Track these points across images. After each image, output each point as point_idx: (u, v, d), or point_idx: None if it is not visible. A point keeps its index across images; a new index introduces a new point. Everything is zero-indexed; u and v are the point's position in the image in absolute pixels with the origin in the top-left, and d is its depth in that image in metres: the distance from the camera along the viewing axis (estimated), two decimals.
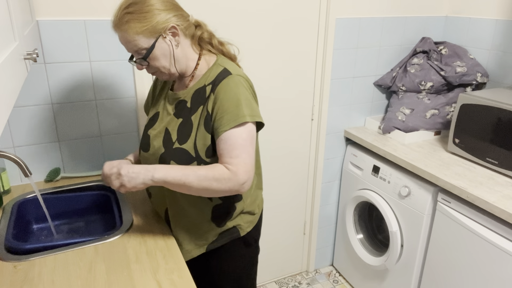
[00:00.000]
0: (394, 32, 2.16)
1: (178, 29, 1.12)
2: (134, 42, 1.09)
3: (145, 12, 1.07)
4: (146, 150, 1.26)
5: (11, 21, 0.86)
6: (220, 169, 1.08)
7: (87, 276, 1.10)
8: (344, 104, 2.20)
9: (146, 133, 1.28)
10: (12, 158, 1.22)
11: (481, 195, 1.51)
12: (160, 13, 1.08)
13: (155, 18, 1.08)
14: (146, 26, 1.07)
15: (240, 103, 1.10)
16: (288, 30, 1.93)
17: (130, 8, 1.07)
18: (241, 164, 1.08)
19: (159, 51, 1.11)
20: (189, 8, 1.69)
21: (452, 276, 1.69)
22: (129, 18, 1.07)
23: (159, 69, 1.15)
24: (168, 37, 1.11)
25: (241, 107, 1.10)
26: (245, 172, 1.08)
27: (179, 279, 1.10)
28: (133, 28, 1.07)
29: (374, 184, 2.06)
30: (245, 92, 1.13)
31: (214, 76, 1.16)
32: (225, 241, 1.29)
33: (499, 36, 1.99)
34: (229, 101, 1.11)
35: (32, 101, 1.54)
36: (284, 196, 2.27)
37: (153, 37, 1.09)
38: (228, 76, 1.13)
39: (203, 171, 1.07)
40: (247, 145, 1.10)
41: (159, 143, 1.22)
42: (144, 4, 1.08)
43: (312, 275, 2.50)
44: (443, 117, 2.05)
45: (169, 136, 1.20)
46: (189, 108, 1.19)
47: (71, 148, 1.66)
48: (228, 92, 1.11)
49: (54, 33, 1.50)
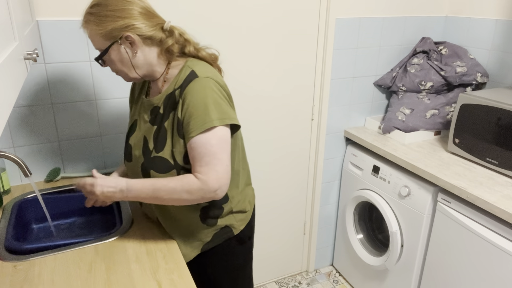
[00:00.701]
0: (394, 32, 2.16)
1: (135, 39, 1.09)
2: (93, 42, 1.12)
3: (103, 16, 1.07)
4: (129, 160, 1.27)
5: (11, 21, 0.86)
6: (190, 180, 1.07)
7: (87, 276, 1.10)
8: (344, 104, 2.20)
9: (127, 143, 1.28)
10: (12, 158, 1.22)
11: (481, 195, 1.51)
12: (118, 20, 1.07)
13: (110, 25, 1.07)
14: (101, 31, 1.08)
15: (207, 107, 1.07)
16: (288, 30, 1.93)
17: (93, 9, 1.08)
18: (211, 172, 1.07)
19: (115, 56, 1.12)
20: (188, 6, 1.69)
21: (452, 276, 1.69)
22: (89, 19, 1.09)
23: (117, 72, 1.16)
24: (124, 44, 1.10)
25: (208, 111, 1.07)
26: (216, 180, 1.07)
27: (179, 279, 1.10)
28: (91, 30, 1.09)
29: (374, 184, 2.06)
30: (212, 95, 1.09)
31: (183, 80, 1.13)
32: (220, 241, 1.29)
33: (499, 36, 1.99)
34: (195, 105, 1.08)
35: (32, 101, 1.54)
36: (284, 196, 2.27)
37: (108, 41, 1.10)
38: (195, 79, 1.10)
39: (173, 184, 1.08)
40: (217, 151, 1.07)
41: (139, 152, 1.21)
42: (105, 8, 1.07)
43: (312, 275, 2.50)
44: (443, 117, 2.05)
45: (147, 144, 1.20)
46: (161, 114, 1.17)
47: (71, 148, 1.66)
48: (195, 96, 1.08)
49: (54, 33, 1.50)
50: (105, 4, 1.08)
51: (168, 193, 1.09)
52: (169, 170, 1.14)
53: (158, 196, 1.10)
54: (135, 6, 1.09)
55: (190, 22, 1.72)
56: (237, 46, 1.85)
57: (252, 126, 2.03)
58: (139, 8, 1.10)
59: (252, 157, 2.09)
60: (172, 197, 1.09)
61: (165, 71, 1.18)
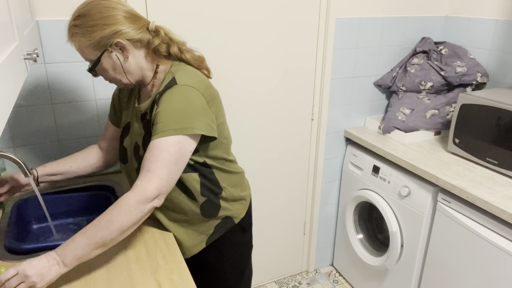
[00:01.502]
0: (394, 32, 2.16)
1: (125, 44, 1.08)
2: (83, 54, 1.10)
3: (89, 27, 1.05)
4: (125, 162, 1.29)
5: (11, 21, 0.86)
6: (123, 201, 1.00)
7: (87, 276, 1.10)
8: (344, 104, 2.20)
9: (122, 145, 1.29)
10: (12, 158, 1.22)
11: (481, 195, 1.51)
12: (105, 28, 1.06)
13: (98, 34, 1.06)
14: (91, 41, 1.06)
15: (175, 115, 1.05)
16: (288, 30, 1.93)
17: (77, 21, 1.06)
18: (155, 179, 1.02)
19: (106, 64, 1.11)
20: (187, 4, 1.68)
21: (452, 276, 1.69)
22: (75, 31, 1.07)
23: (111, 80, 1.16)
24: (114, 51, 1.09)
25: (173, 119, 1.05)
26: (156, 189, 1.03)
27: (179, 279, 1.10)
28: (78, 42, 1.07)
29: (374, 184, 2.06)
30: (186, 104, 1.06)
31: (164, 86, 1.12)
32: (223, 232, 1.31)
33: (499, 36, 1.99)
34: (165, 111, 1.06)
35: (32, 101, 1.54)
36: (284, 196, 2.27)
37: (98, 51, 1.08)
38: (173, 86, 1.08)
39: (106, 216, 0.99)
40: (171, 160, 1.04)
41: (132, 157, 1.24)
42: (90, 18, 1.05)
43: (312, 275, 2.50)
44: (443, 117, 2.05)
45: (138, 150, 1.22)
46: (148, 120, 1.17)
47: (71, 148, 1.66)
48: (167, 103, 1.07)
49: (54, 33, 1.50)
50: (89, 14, 1.06)
51: (106, 230, 0.98)
52: None
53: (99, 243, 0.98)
54: (119, 11, 1.08)
55: (190, 22, 1.72)
56: (237, 46, 1.85)
57: (252, 126, 2.03)
58: (123, 12, 1.09)
59: (252, 157, 2.09)
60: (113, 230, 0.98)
61: (154, 76, 1.17)
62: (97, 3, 1.07)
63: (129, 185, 1.41)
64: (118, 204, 1.01)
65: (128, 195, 1.02)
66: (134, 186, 1.03)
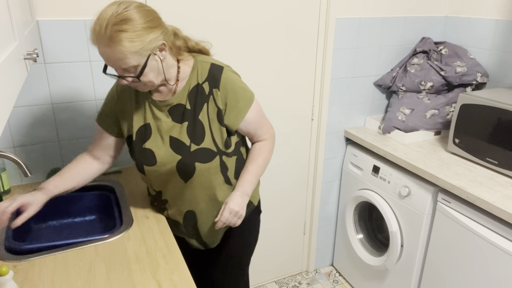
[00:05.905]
0: (394, 32, 2.16)
1: (166, 44, 1.11)
2: (125, 60, 1.04)
3: (138, 31, 1.03)
4: (153, 163, 1.24)
5: (11, 21, 0.86)
6: (266, 146, 1.33)
7: (87, 276, 1.10)
8: (344, 104, 2.20)
9: (142, 148, 1.24)
10: (12, 158, 1.22)
11: (481, 195, 1.51)
12: (153, 31, 1.06)
13: (147, 37, 1.05)
14: (141, 46, 1.04)
15: (242, 88, 1.24)
16: (288, 30, 1.93)
17: (123, 26, 1.01)
18: (268, 129, 1.34)
19: (149, 68, 1.09)
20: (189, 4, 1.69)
21: (452, 276, 1.69)
22: (122, 37, 1.01)
23: (146, 83, 1.12)
24: (157, 53, 1.10)
25: (245, 92, 1.24)
26: (272, 130, 1.36)
27: (179, 279, 1.10)
28: (126, 47, 1.02)
29: (374, 184, 2.06)
30: (238, 78, 1.25)
31: (206, 73, 1.20)
32: (246, 215, 1.40)
33: (499, 36, 1.99)
34: (236, 91, 1.22)
35: (32, 101, 1.54)
36: (284, 196, 2.27)
37: (143, 55, 1.06)
38: (223, 70, 1.21)
39: (262, 158, 1.31)
40: (263, 114, 1.32)
41: (169, 152, 1.21)
42: (136, 22, 1.03)
43: (312, 275, 2.50)
44: (443, 117, 2.05)
45: (179, 142, 1.21)
46: (190, 109, 1.20)
47: (71, 148, 1.66)
48: (232, 84, 1.21)
49: (54, 33, 1.50)
50: (136, 18, 1.03)
51: (264, 166, 1.33)
52: (213, 158, 1.23)
53: (260, 174, 1.32)
54: (156, 13, 1.10)
55: (190, 25, 1.72)
56: (237, 46, 1.85)
57: None
58: (156, 14, 1.10)
59: None
60: (266, 164, 1.34)
61: (178, 71, 1.21)
62: (138, 5, 1.06)
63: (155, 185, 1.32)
64: (266, 150, 1.33)
65: (267, 143, 1.33)
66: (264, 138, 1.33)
